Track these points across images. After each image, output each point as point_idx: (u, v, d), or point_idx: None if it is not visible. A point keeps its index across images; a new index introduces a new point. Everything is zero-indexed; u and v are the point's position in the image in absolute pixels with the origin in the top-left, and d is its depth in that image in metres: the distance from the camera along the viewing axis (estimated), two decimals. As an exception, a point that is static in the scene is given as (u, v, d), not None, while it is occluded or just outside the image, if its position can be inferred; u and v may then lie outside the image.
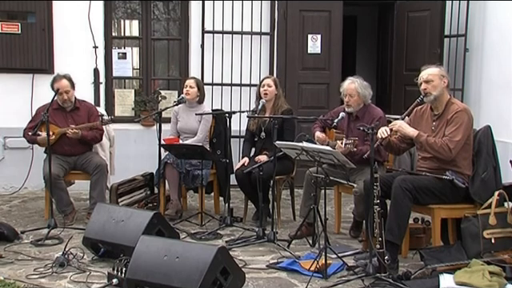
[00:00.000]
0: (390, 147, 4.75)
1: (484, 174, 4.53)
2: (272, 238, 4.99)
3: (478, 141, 4.60)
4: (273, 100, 5.78)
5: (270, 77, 6.00)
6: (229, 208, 5.55)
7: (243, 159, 5.82)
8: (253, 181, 5.41)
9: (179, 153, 5.69)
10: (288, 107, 5.78)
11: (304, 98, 7.54)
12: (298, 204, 5.60)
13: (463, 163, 4.51)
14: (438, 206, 4.50)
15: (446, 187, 4.44)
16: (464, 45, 7.05)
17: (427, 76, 4.54)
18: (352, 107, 5.32)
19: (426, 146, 4.45)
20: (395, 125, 4.56)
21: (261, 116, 5.69)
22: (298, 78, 7.52)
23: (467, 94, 7.08)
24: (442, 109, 4.55)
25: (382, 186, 4.32)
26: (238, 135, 6.85)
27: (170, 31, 7.74)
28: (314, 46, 7.53)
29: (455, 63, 7.12)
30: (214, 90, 7.21)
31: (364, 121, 5.12)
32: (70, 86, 5.70)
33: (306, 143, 4.64)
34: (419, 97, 4.56)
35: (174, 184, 5.84)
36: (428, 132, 4.55)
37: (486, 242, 4.31)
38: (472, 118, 4.50)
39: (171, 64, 7.72)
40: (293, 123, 5.73)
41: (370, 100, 5.41)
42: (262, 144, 5.80)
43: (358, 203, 5.05)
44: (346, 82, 5.39)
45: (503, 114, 6.32)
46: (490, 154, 4.58)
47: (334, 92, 7.19)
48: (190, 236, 5.24)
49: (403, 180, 4.40)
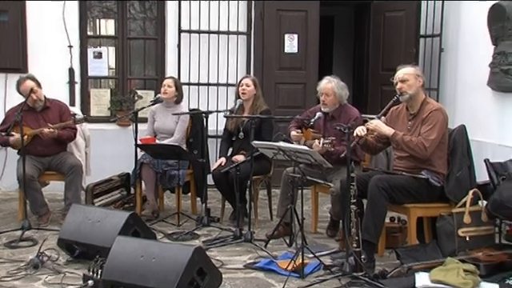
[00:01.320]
0: (366, 147, 4.78)
1: (459, 173, 4.58)
2: (249, 238, 4.99)
3: (452, 140, 4.65)
4: (251, 100, 5.78)
5: (248, 76, 6.01)
6: (206, 208, 5.54)
7: (220, 159, 5.81)
8: (230, 181, 5.40)
9: (156, 153, 5.67)
10: (266, 108, 5.79)
11: (281, 97, 7.55)
12: (275, 204, 5.60)
13: (438, 162, 4.55)
14: (413, 205, 4.54)
15: (422, 186, 4.49)
16: (439, 45, 7.13)
17: (403, 75, 4.58)
18: (328, 107, 5.34)
19: (402, 145, 4.49)
20: (371, 124, 4.59)
21: (238, 116, 5.68)
22: (275, 78, 7.53)
23: (442, 93, 7.15)
24: (418, 108, 4.60)
25: (359, 185, 4.34)
26: (215, 135, 6.84)
27: (146, 30, 7.70)
28: (290, 46, 7.55)
29: (431, 63, 7.19)
30: (190, 90, 7.18)
31: (340, 121, 5.14)
32: (35, 85, 5.62)
33: (282, 143, 4.65)
34: (395, 96, 4.60)
35: (151, 184, 5.81)
36: (404, 131, 4.59)
37: (461, 240, 4.36)
38: (447, 118, 4.55)
39: (147, 63, 7.68)
40: (270, 123, 5.73)
41: (347, 100, 5.45)
42: (239, 144, 5.79)
43: (335, 203, 5.07)
44: (323, 81, 5.41)
45: (477, 114, 6.40)
46: (464, 154, 4.63)
47: (310, 92, 7.21)
48: (166, 236, 5.21)
49: (379, 179, 4.43)
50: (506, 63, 5.87)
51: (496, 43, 6.08)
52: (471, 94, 6.62)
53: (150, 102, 6.02)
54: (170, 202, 6.58)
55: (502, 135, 6.01)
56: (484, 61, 6.20)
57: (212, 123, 6.21)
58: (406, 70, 4.62)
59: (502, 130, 6.03)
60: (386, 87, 6.85)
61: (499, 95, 6.08)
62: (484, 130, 6.19)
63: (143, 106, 6.12)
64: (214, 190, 5.92)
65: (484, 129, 6.20)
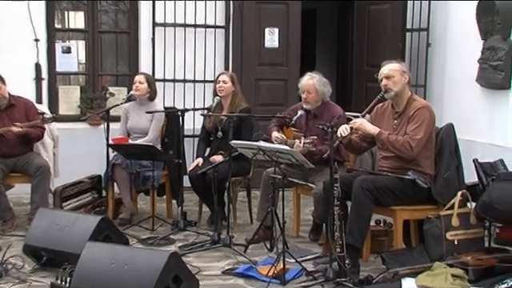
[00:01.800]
0: (350, 146, 4.81)
1: (447, 174, 4.62)
2: (228, 243, 4.99)
3: (440, 139, 4.68)
4: (230, 97, 5.78)
5: (225, 72, 6.00)
6: (182, 211, 5.53)
7: (197, 159, 5.80)
8: (207, 182, 5.39)
9: (129, 153, 5.64)
10: (246, 106, 5.79)
11: (261, 94, 7.55)
12: (255, 207, 5.61)
13: (425, 162, 4.59)
14: (399, 207, 4.57)
15: (408, 187, 4.52)
16: (426, 39, 7.18)
17: (388, 71, 4.61)
18: (310, 104, 5.36)
19: (388, 145, 4.52)
20: (355, 123, 4.61)
21: (215, 114, 5.67)
22: (255, 74, 7.53)
23: (430, 90, 7.20)
24: (404, 106, 4.63)
25: (343, 186, 4.36)
26: (192, 134, 6.82)
27: (118, 24, 7.65)
28: (271, 41, 7.55)
29: (417, 58, 7.24)
30: (166, 87, 7.15)
31: (323, 119, 5.17)
32: None
33: (262, 142, 4.65)
34: (380, 93, 4.63)
35: (125, 186, 5.79)
36: (389, 130, 4.62)
37: (449, 243, 4.40)
38: (434, 116, 4.59)
39: (120, 59, 7.63)
40: (250, 122, 5.74)
41: (330, 97, 5.47)
42: (217, 144, 5.79)
43: (318, 205, 5.08)
44: (305, 77, 5.43)
45: (466, 112, 6.45)
46: (452, 153, 4.67)
47: (292, 88, 7.22)
48: (140, 242, 5.19)
49: (364, 180, 4.46)
50: (496, 59, 5.93)
51: (485, 38, 6.14)
52: (459, 90, 6.68)
53: (123, 100, 5.98)
54: (144, 205, 6.55)
55: (492, 134, 6.07)
56: (473, 56, 6.26)
57: (188, 122, 6.19)
58: (392, 65, 4.65)
59: (492, 128, 6.09)
60: (371, 84, 6.88)
61: (488, 92, 6.14)
62: (473, 128, 6.25)
63: (115, 103, 6.09)
64: (191, 193, 5.91)
65: (473, 127, 6.26)
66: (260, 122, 6.78)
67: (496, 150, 5.68)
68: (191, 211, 6.16)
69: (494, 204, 4.34)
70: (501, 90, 5.93)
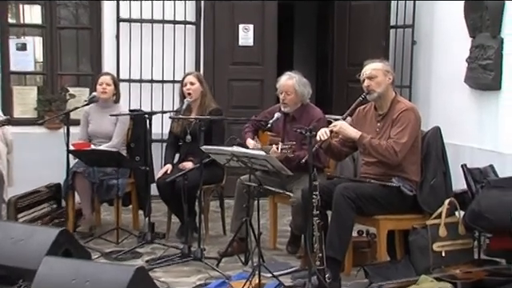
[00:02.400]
0: (330, 151, 4.83)
1: (433, 181, 4.66)
2: (199, 256, 4.98)
3: (426, 143, 4.73)
4: (199, 99, 5.78)
5: (191, 73, 6.00)
6: (149, 223, 5.51)
7: (166, 166, 5.79)
8: (177, 191, 5.38)
9: (91, 160, 5.61)
10: (216, 106, 5.79)
11: (235, 96, 7.56)
12: (229, 217, 5.61)
13: (411, 168, 4.63)
14: (383, 216, 4.60)
15: (393, 195, 4.55)
16: (411, 37, 7.25)
17: (370, 71, 4.65)
18: (288, 106, 5.38)
19: (370, 149, 4.55)
20: (336, 126, 4.64)
21: (185, 117, 5.67)
22: (228, 74, 7.55)
23: (415, 91, 7.27)
24: (387, 108, 4.67)
25: (322, 194, 4.38)
26: (160, 139, 6.80)
27: (79, 19, 7.62)
28: (245, 38, 7.57)
29: (402, 57, 7.30)
30: (131, 88, 7.13)
31: (302, 122, 5.19)
32: None
33: (236, 147, 4.66)
34: (362, 94, 4.66)
35: (86, 196, 5.75)
36: (372, 134, 4.65)
37: (436, 255, 4.44)
38: (419, 118, 4.64)
39: (81, 57, 7.60)
40: (222, 125, 5.75)
41: (309, 99, 5.50)
42: (187, 149, 5.78)
43: (296, 215, 5.10)
44: (283, 77, 5.46)
45: (453, 114, 6.51)
46: (439, 158, 4.72)
47: (268, 89, 7.25)
48: (103, 256, 5.17)
49: (345, 188, 4.48)
50: (485, 57, 5.98)
51: (473, 35, 6.20)
52: (447, 92, 6.74)
53: (85, 102, 5.96)
54: (107, 216, 6.51)
55: (481, 138, 6.12)
56: (461, 55, 6.31)
57: (156, 125, 6.16)
58: (374, 65, 4.70)
59: (481, 132, 6.15)
60: (353, 84, 6.92)
61: (477, 93, 6.20)
62: (461, 132, 6.32)
63: (76, 106, 6.06)
64: (159, 202, 5.89)
65: (461, 131, 6.32)
66: (234, 126, 6.79)
67: (486, 155, 5.74)
68: (159, 222, 6.14)
69: (483, 213, 4.39)
70: (490, 91, 5.98)
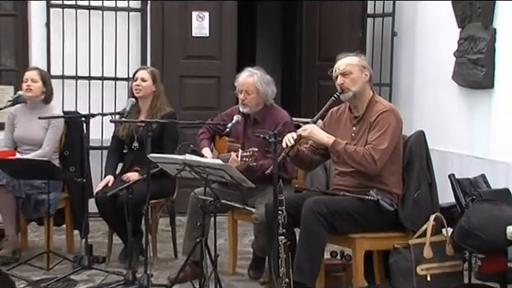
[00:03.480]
0: (298, 160, 4.84)
1: (417, 193, 4.70)
2: (145, 284, 4.95)
3: (408, 150, 4.77)
4: (149, 99, 5.78)
5: (145, 68, 6.00)
6: (86, 245, 5.46)
7: (107, 178, 5.75)
8: (119, 207, 5.34)
9: (16, 171, 5.54)
10: (170, 110, 5.79)
11: (187, 95, 7.56)
12: (181, 237, 5.60)
13: (391, 179, 4.67)
14: (360, 235, 4.62)
15: (370, 210, 4.58)
16: (391, 27, 7.32)
17: (344, 67, 4.68)
18: (249, 107, 5.39)
19: (345, 157, 4.57)
20: (305, 130, 4.65)
21: (130, 120, 5.64)
22: (180, 70, 7.55)
23: (396, 90, 7.35)
24: (364, 109, 4.71)
25: (289, 210, 4.38)
26: (100, 146, 6.77)
27: (1, 4, 7.51)
28: (200, 28, 7.57)
29: (381, 51, 7.38)
30: (65, 86, 7.10)
31: (265, 126, 5.20)
32: None
33: (189, 156, 4.64)
34: (335, 94, 4.69)
35: (9, 214, 5.68)
36: (347, 139, 4.68)
37: (421, 280, 4.47)
38: (401, 121, 4.67)
39: (4, 49, 7.51)
40: (174, 130, 5.75)
41: (274, 99, 5.51)
42: (133, 157, 5.77)
43: (259, 234, 5.10)
44: (243, 74, 5.46)
45: (439, 117, 6.59)
46: (423, 168, 4.77)
47: (226, 88, 7.24)
48: (31, 285, 5.11)
49: (316, 202, 4.50)
50: (475, 51, 6.05)
51: (462, 25, 6.28)
52: (432, 90, 6.82)
53: (8, 102, 5.90)
54: (36, 237, 6.45)
55: (471, 143, 6.20)
56: (448, 48, 6.39)
57: (95, 130, 6.12)
58: (349, 60, 4.73)
59: (471, 136, 6.22)
60: (325, 82, 6.98)
61: (467, 92, 6.28)
62: (449, 136, 6.40)
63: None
64: (99, 220, 5.86)
65: (449, 135, 6.40)
66: (186, 131, 6.78)
67: (476, 164, 5.82)
68: (98, 244, 6.10)
69: (474, 230, 4.44)
70: (482, 90, 6.06)
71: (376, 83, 6.49)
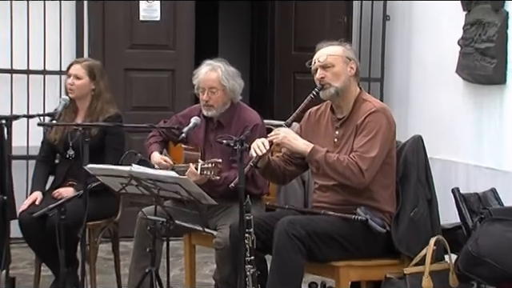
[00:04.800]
0: (270, 171, 4.84)
1: (414, 212, 4.73)
2: (82, 325, 4.94)
3: (403, 160, 4.80)
4: (88, 98, 5.76)
5: (80, 61, 5.96)
6: (7, 277, 5.41)
7: (34, 194, 5.72)
8: (49, 230, 5.30)
9: None
10: (115, 112, 5.76)
11: (134, 92, 7.56)
12: (127, 266, 5.59)
13: (382, 194, 4.69)
14: (345, 262, 4.64)
15: (357, 233, 4.59)
16: (383, 10, 7.37)
17: (325, 58, 4.69)
18: (215, 109, 5.38)
19: (325, 167, 4.58)
20: (278, 135, 4.65)
21: (62, 123, 5.61)
22: (125, 62, 7.54)
23: (389, 86, 7.39)
24: (349, 110, 4.72)
25: (259, 232, 4.41)
26: (26, 155, 6.73)
27: None
28: (149, 10, 7.57)
29: (370, 39, 7.42)
30: (-18, 81, 7.07)
31: (230, 130, 5.22)
32: None
33: (137, 167, 4.63)
34: (313, 90, 4.70)
35: None
36: (328, 146, 4.69)
37: (419, 317, 4.52)
38: (394, 124, 4.70)
39: None
40: (120, 136, 5.74)
41: (241, 97, 5.53)
42: (67, 168, 5.74)
43: (222, 262, 5.10)
44: (203, 69, 5.44)
45: (442, 118, 6.62)
46: (421, 180, 4.80)
47: (182, 83, 7.25)
48: None
49: (291, 223, 4.49)
50: (484, 39, 6.08)
51: (468, 8, 6.31)
52: (432, 87, 6.86)
53: None
54: None
55: (480, 151, 6.24)
56: (451, 35, 6.43)
57: (19, 135, 6.08)
58: (331, 49, 4.74)
59: (480, 143, 6.26)
60: (301, 76, 7.03)
61: (474, 89, 6.32)
62: (452, 143, 6.44)
63: None
64: (23, 247, 5.84)
65: (452, 141, 6.45)
66: (133, 136, 6.77)
67: (486, 175, 5.85)
68: (23, 276, 6.08)
69: (483, 256, 4.48)
70: (492, 86, 6.11)
71: (364, 78, 6.51)
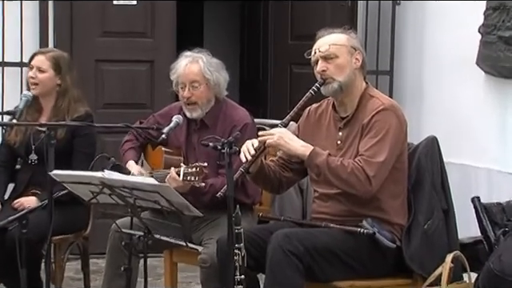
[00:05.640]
0: (263, 178, 4.84)
1: (428, 224, 4.73)
2: None
3: (416, 164, 4.81)
4: (53, 96, 5.78)
5: (43, 52, 6.00)
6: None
7: (-10, 205, 5.74)
8: (9, 246, 5.31)
9: None
10: (85, 111, 5.78)
11: (107, 87, 7.58)
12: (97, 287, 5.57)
13: (392, 204, 4.69)
14: (349, 282, 4.64)
15: (363, 248, 4.60)
16: (392, -7, 7.41)
17: (327, 48, 4.69)
18: (199, 107, 5.39)
19: (327, 174, 4.58)
20: (272, 137, 4.65)
21: (24, 123, 5.61)
22: (96, 52, 7.55)
23: (399, 80, 7.40)
24: (354, 108, 4.73)
25: (251, 248, 4.41)
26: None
27: None
28: (124, -7, 7.60)
29: (378, 26, 7.43)
30: None
31: (216, 130, 5.24)
32: None
33: (109, 173, 4.62)
34: (314, 86, 4.70)
35: None
36: (331, 149, 4.69)
37: None
38: (405, 123, 4.71)
39: None
40: (91, 138, 5.78)
41: (229, 94, 5.54)
42: (29, 175, 5.76)
43: (208, 282, 5.10)
44: (182, 62, 5.46)
45: (460, 117, 6.63)
46: (437, 188, 4.80)
47: (163, 77, 7.19)
48: None
49: (287, 237, 4.49)
50: (508, 26, 6.10)
51: (490, -10, 6.36)
52: (449, 80, 6.88)
53: None
54: None
55: (504, 155, 6.27)
56: (471, 21, 6.45)
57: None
58: (334, 38, 4.74)
59: (504, 145, 6.30)
60: (299, 69, 7.03)
61: (497, 83, 6.34)
62: (472, 145, 6.45)
63: None
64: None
65: (472, 143, 6.46)
66: (105, 138, 6.76)
67: (510, 182, 5.86)
68: (-20, 299, 6.06)
69: (507, 275, 4.48)
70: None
71: (371, 71, 6.53)
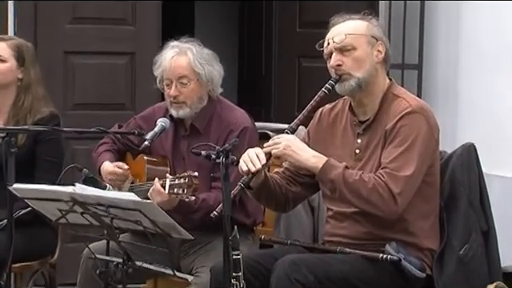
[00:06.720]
0: (266, 194, 4.84)
1: (464, 249, 4.74)
2: None
3: (450, 177, 4.82)
4: (12, 92, 5.80)
5: (4, 38, 6.03)
6: None
7: None
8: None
9: None
10: (50, 111, 5.81)
11: (78, 84, 7.60)
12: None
13: (421, 226, 4.70)
14: (369, 318, 4.67)
15: (386, 277, 4.61)
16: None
17: (343, 38, 4.69)
18: (188, 107, 5.41)
19: (344, 190, 4.57)
20: (278, 145, 4.66)
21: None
22: (64, 43, 7.58)
23: (429, 77, 7.41)
24: (375, 110, 4.74)
25: (251, 277, 4.43)
26: None
27: None
28: (99, -27, 7.62)
29: (404, 12, 7.44)
30: None
31: (209, 137, 5.25)
32: None
33: (81, 187, 4.62)
34: (327, 83, 4.71)
35: None
36: (348, 159, 4.70)
37: None
38: (437, 129, 4.71)
39: None
40: (58, 145, 5.81)
41: (225, 92, 5.54)
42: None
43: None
44: (168, 53, 5.48)
45: (503, 122, 6.64)
46: (475, 206, 4.81)
47: (146, 72, 7.22)
48: None
49: (294, 264, 4.50)
50: None
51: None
52: (489, 78, 6.89)
53: None
54: None
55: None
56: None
57: None
58: (351, 25, 4.76)
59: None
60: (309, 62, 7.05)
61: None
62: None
63: None
64: None
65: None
66: (76, 144, 6.78)
67: None
68: None
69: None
70: None
71: (396, 64, 6.54)
